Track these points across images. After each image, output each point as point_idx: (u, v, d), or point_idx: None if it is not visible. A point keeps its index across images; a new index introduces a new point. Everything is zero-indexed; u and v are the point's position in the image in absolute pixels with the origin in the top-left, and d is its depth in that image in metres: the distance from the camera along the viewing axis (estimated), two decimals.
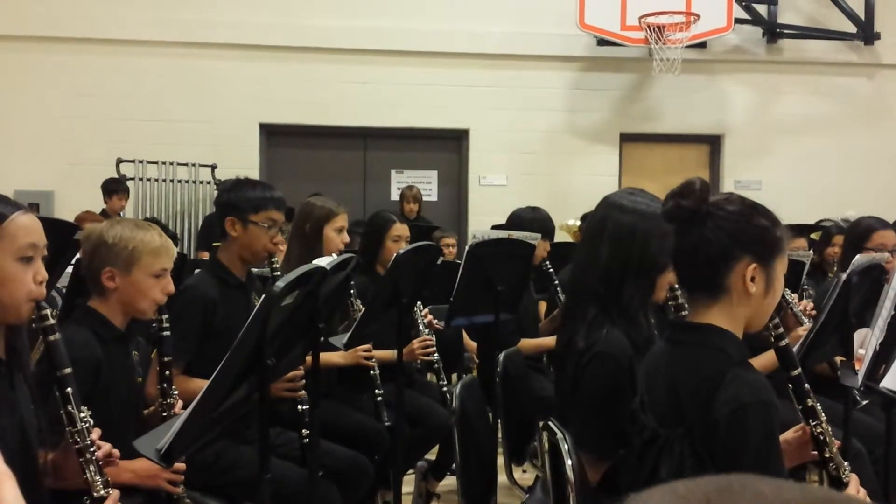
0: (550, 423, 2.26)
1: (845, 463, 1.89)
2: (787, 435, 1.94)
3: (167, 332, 2.33)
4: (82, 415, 1.81)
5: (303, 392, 2.92)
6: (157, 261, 2.29)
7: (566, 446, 2.12)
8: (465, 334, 4.56)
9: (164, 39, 8.07)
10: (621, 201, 2.26)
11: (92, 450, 1.80)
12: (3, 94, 7.98)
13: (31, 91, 8.01)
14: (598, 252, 2.23)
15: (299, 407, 2.92)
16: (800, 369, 1.85)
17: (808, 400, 1.86)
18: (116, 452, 1.89)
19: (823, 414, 1.87)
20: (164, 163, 8.01)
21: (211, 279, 2.94)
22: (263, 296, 1.84)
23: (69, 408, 1.80)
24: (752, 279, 1.72)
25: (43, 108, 8.01)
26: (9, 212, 1.71)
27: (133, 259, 2.26)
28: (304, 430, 2.92)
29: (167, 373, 2.30)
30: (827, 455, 1.87)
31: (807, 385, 1.86)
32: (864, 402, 3.13)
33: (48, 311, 1.77)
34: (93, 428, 1.83)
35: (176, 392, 2.30)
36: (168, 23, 8.03)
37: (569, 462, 2.09)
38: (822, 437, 1.86)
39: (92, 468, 1.79)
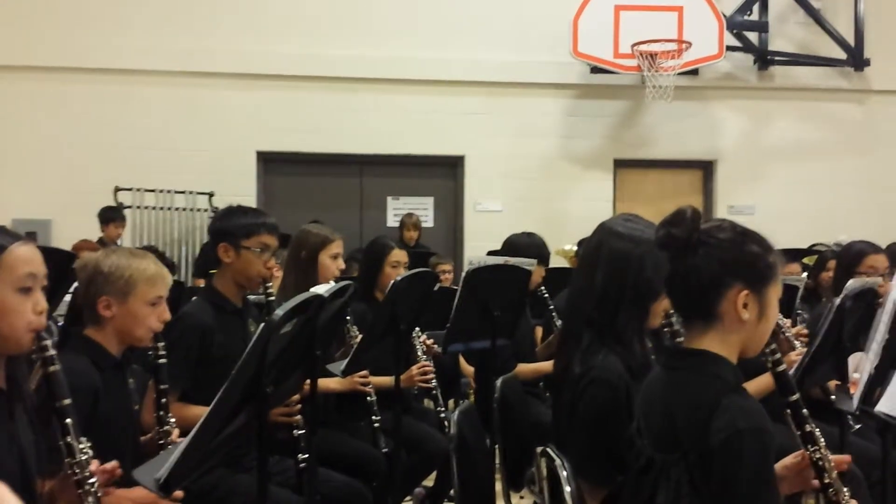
0: (549, 449, 2.26)
1: (845, 489, 1.89)
2: (787, 461, 1.93)
3: (164, 360, 2.33)
4: (81, 446, 1.80)
5: (298, 417, 2.92)
6: (153, 289, 2.30)
7: (565, 472, 2.12)
8: (461, 359, 4.56)
9: (161, 68, 8.12)
10: (617, 227, 2.27)
11: (91, 481, 1.80)
12: (1, 122, 8.00)
13: (28, 120, 8.03)
14: (594, 278, 2.24)
15: (295, 432, 2.91)
16: (798, 395, 1.85)
17: (807, 425, 1.86)
18: (116, 468, 1.88)
19: (822, 439, 1.88)
20: (161, 191, 8.02)
21: (207, 306, 2.95)
22: (262, 324, 1.85)
23: (68, 439, 1.79)
24: (745, 306, 1.73)
25: (41, 137, 8.02)
26: (7, 242, 1.71)
27: (129, 287, 2.27)
28: (300, 456, 2.92)
29: (164, 400, 2.30)
30: (826, 481, 1.86)
31: (805, 410, 1.86)
32: (857, 427, 3.13)
33: (48, 342, 1.77)
34: (92, 459, 1.82)
35: (173, 420, 2.30)
36: (165, 52, 8.08)
37: (567, 488, 2.09)
38: (820, 463, 1.86)
39: (91, 500, 1.79)
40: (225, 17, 8.26)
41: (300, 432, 2.92)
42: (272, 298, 3.01)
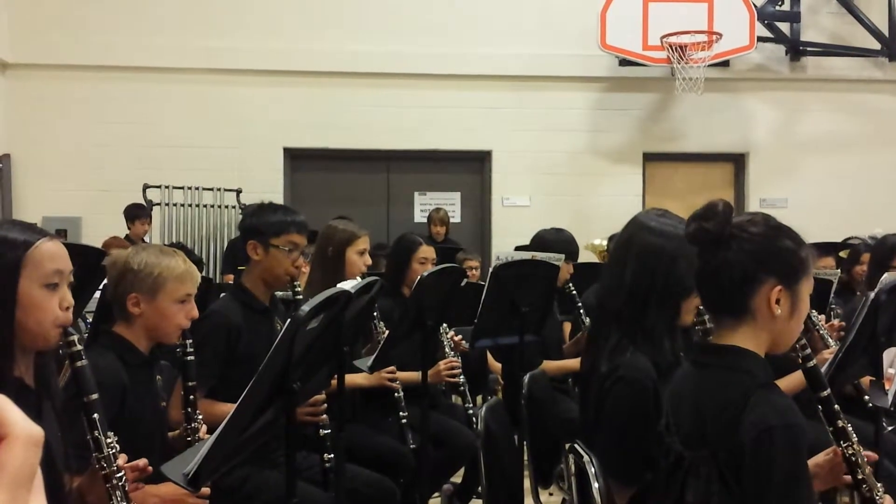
0: (577, 445, 2.24)
1: (879, 484, 1.86)
2: (819, 458, 1.91)
3: (191, 357, 2.34)
4: (108, 440, 1.81)
5: (324, 416, 2.92)
6: (182, 286, 2.31)
7: (593, 469, 2.10)
8: (489, 355, 4.55)
9: (190, 66, 8.19)
10: (649, 222, 2.24)
11: (118, 475, 1.81)
12: (31, 121, 8.11)
13: (58, 118, 8.14)
14: (623, 274, 2.20)
15: (321, 431, 2.92)
16: (829, 390, 1.82)
17: (839, 421, 1.83)
18: (147, 466, 1.90)
19: (854, 435, 1.85)
20: (189, 188, 8.09)
21: (235, 304, 2.96)
22: (289, 320, 1.84)
23: (95, 433, 1.81)
24: (777, 301, 1.70)
25: (70, 135, 8.13)
26: (34, 239, 1.72)
27: (158, 285, 2.28)
28: (327, 454, 2.92)
29: (192, 397, 2.31)
30: (860, 477, 1.84)
31: (837, 406, 1.83)
32: (890, 428, 3.07)
33: (75, 338, 1.78)
34: (119, 454, 1.84)
35: (200, 417, 2.31)
36: (193, 50, 8.15)
37: (596, 485, 2.08)
38: (853, 459, 1.83)
39: (118, 494, 1.80)
40: (252, 15, 8.31)
41: (326, 432, 2.92)
42: (300, 297, 3.01)
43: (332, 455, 2.89)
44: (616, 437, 2.11)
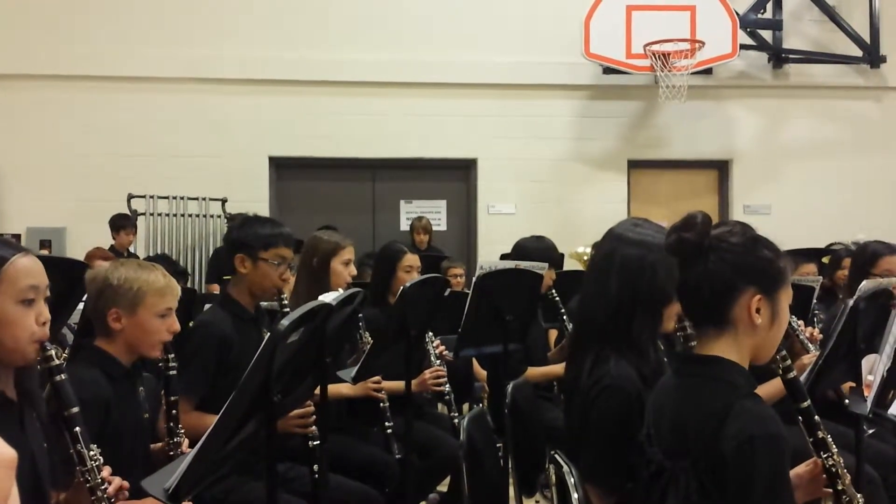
0: (556, 455, 2.25)
1: (858, 495, 1.87)
2: (800, 469, 1.92)
3: (174, 371, 2.34)
4: (91, 453, 1.82)
5: (314, 428, 2.91)
6: (162, 301, 2.31)
7: (572, 479, 2.11)
8: (475, 362, 4.56)
9: (174, 76, 8.17)
10: (627, 234, 2.24)
11: (103, 487, 1.81)
12: (15, 131, 8.07)
13: (42, 128, 8.10)
14: (608, 286, 2.20)
15: (310, 443, 2.91)
16: (809, 401, 1.83)
17: (819, 432, 1.84)
18: (126, 484, 1.90)
19: (834, 445, 1.86)
20: (174, 197, 8.06)
21: (224, 314, 2.96)
22: (268, 334, 1.84)
23: (78, 447, 1.81)
24: (758, 310, 1.72)
25: (54, 146, 8.09)
26: (9, 254, 1.71)
27: (138, 300, 2.28)
28: (315, 465, 2.91)
29: (174, 411, 2.31)
30: (840, 487, 1.85)
31: (817, 417, 1.84)
32: (871, 431, 3.10)
33: (53, 352, 1.77)
34: (103, 466, 1.83)
35: (182, 431, 2.31)
36: (177, 59, 8.13)
37: (575, 495, 2.08)
38: (833, 469, 1.84)
39: None
40: (236, 25, 8.31)
41: (315, 443, 2.91)
42: (287, 309, 3.00)
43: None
44: (600, 444, 2.11)
